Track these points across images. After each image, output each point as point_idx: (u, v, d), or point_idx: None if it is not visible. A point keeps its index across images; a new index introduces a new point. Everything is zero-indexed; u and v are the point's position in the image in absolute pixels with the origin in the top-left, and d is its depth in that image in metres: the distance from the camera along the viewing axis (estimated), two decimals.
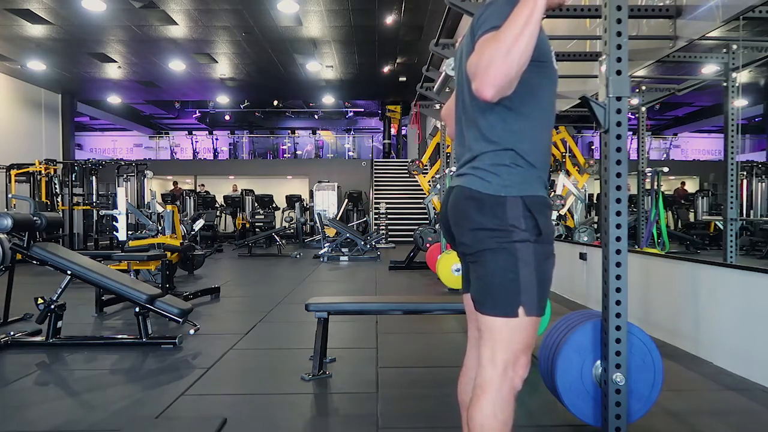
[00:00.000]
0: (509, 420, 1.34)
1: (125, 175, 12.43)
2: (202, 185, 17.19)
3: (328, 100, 18.46)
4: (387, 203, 14.46)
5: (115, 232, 6.21)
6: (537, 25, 1.14)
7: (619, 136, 2.07)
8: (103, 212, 10.05)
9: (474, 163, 1.36)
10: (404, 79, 15.01)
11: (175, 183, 16.59)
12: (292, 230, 14.69)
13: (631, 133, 3.69)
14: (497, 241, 1.31)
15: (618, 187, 2.09)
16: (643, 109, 5.96)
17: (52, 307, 3.67)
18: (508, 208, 1.31)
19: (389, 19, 10.55)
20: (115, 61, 13.05)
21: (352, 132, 22.93)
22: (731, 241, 4.00)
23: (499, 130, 1.33)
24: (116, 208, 6.14)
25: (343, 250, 10.23)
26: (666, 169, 5.48)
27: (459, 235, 1.40)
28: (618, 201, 2.09)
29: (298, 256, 10.38)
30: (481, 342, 1.37)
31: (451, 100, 1.61)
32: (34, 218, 3.91)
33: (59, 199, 11.58)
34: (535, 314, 1.33)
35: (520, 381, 1.37)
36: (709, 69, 4.88)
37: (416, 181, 12.06)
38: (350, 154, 21.25)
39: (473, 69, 1.17)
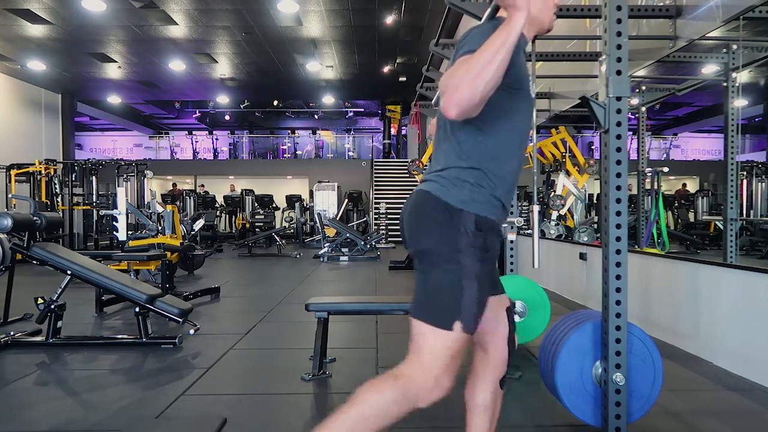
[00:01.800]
0: (385, 418, 1.29)
1: (125, 175, 12.43)
2: (202, 185, 17.20)
3: (328, 100, 18.46)
4: (387, 203, 14.46)
5: (115, 232, 6.21)
6: (508, 53, 1.17)
7: (619, 136, 2.07)
8: (103, 212, 10.05)
9: (441, 173, 1.39)
10: (404, 79, 15.02)
11: (174, 185, 16.59)
12: (292, 230, 14.69)
13: (631, 133, 3.70)
14: (447, 250, 1.32)
15: (618, 187, 2.09)
16: (643, 109, 5.96)
17: (52, 307, 3.67)
18: (463, 220, 1.33)
19: (389, 19, 10.55)
20: (115, 61, 13.05)
21: (352, 132, 22.93)
22: (731, 241, 4.00)
23: (470, 148, 1.37)
24: (116, 208, 6.14)
25: (343, 250, 10.23)
26: (666, 169, 5.49)
27: (410, 235, 1.41)
28: (618, 201, 2.09)
29: (298, 256, 10.38)
30: (411, 345, 1.35)
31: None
32: (34, 218, 3.91)
33: (59, 199, 11.58)
34: (470, 331, 1.32)
35: (433, 400, 1.33)
36: (709, 69, 4.88)
37: (416, 181, 12.05)
38: (350, 154, 21.25)
39: (443, 87, 1.21)
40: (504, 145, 1.39)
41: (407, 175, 14.31)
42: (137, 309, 3.71)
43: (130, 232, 6.67)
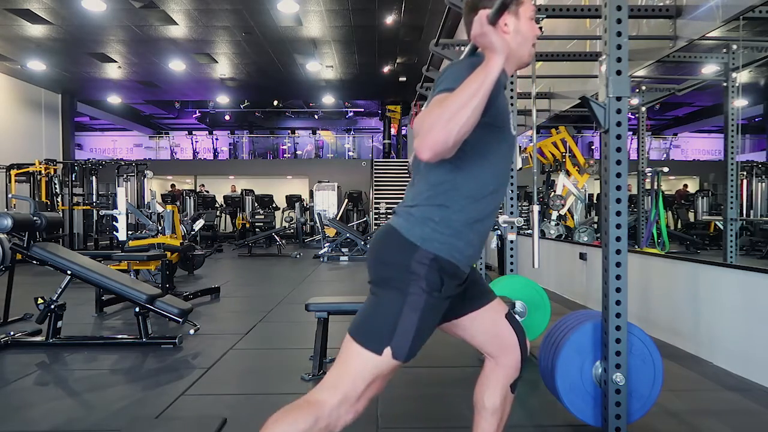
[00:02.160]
0: None
1: (125, 175, 12.43)
2: (202, 185, 17.19)
3: (328, 100, 18.47)
4: (387, 203, 14.46)
5: (115, 232, 6.21)
6: (483, 98, 1.14)
7: (619, 136, 2.07)
8: (103, 212, 10.05)
9: (411, 209, 1.37)
10: (404, 79, 15.02)
11: (173, 185, 16.59)
12: (292, 230, 14.69)
13: (631, 133, 3.70)
14: (395, 281, 1.32)
15: (618, 187, 2.09)
16: (643, 109, 5.97)
17: (52, 307, 3.67)
18: (416, 255, 1.31)
19: (389, 19, 10.55)
20: (115, 61, 13.06)
21: (352, 132, 22.92)
22: (731, 241, 4.00)
23: (446, 186, 1.34)
24: (116, 208, 6.14)
25: (343, 250, 10.23)
26: (666, 169, 5.49)
27: (369, 265, 1.41)
28: (618, 201, 2.09)
29: (298, 256, 10.38)
30: (336, 362, 1.35)
31: None
32: (34, 218, 3.91)
33: (59, 199, 11.58)
34: (401, 359, 1.31)
35: (343, 425, 1.31)
36: (709, 69, 4.89)
37: None
38: (350, 154, 21.25)
39: (417, 128, 1.18)
40: (478, 186, 1.35)
41: (407, 175, 14.31)
42: (137, 309, 3.71)
43: (130, 232, 6.67)
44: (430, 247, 1.32)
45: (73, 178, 11.74)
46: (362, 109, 21.57)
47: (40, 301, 3.68)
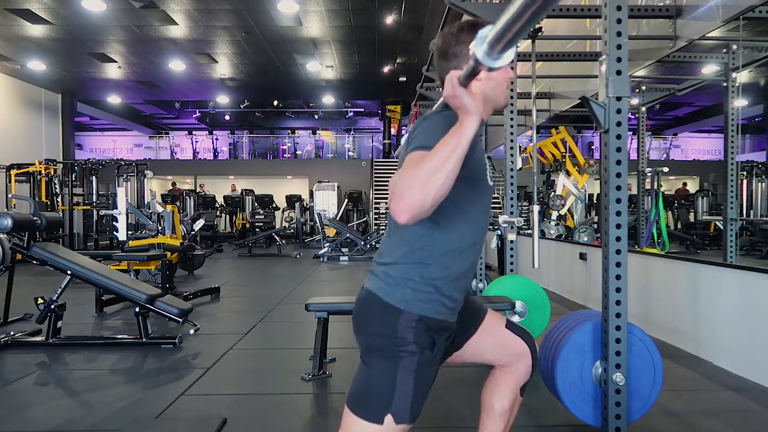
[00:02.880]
0: None
1: (125, 175, 12.43)
2: (202, 185, 17.18)
3: (328, 100, 18.46)
4: (387, 203, 14.45)
5: (115, 232, 6.21)
6: (459, 160, 1.10)
7: (619, 136, 2.07)
8: (103, 212, 10.04)
9: (387, 268, 1.35)
10: (404, 79, 15.02)
11: (173, 184, 16.59)
12: (292, 230, 14.69)
13: (631, 133, 3.70)
14: (384, 348, 1.30)
15: (618, 187, 2.09)
16: (643, 109, 5.97)
17: (52, 307, 3.67)
18: (401, 320, 1.29)
19: (389, 19, 10.55)
20: (115, 61, 13.05)
21: (352, 132, 22.92)
22: (731, 241, 4.00)
23: (420, 244, 1.32)
24: (116, 208, 6.14)
25: (343, 250, 10.23)
26: (666, 169, 5.49)
27: (356, 330, 1.39)
28: (618, 201, 2.09)
29: (298, 256, 10.38)
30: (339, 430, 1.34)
31: None
32: (34, 218, 3.91)
33: (59, 199, 11.58)
34: (405, 422, 1.30)
35: None
36: (709, 69, 4.89)
37: None
38: (350, 154, 21.24)
39: (392, 188, 1.14)
40: (456, 240, 1.33)
41: None
42: (137, 309, 3.71)
43: (130, 232, 6.67)
44: (414, 308, 1.29)
45: (73, 178, 11.73)
46: (362, 109, 21.56)
47: (40, 301, 3.68)
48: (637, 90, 5.83)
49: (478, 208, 1.37)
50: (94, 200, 12.24)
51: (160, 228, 6.99)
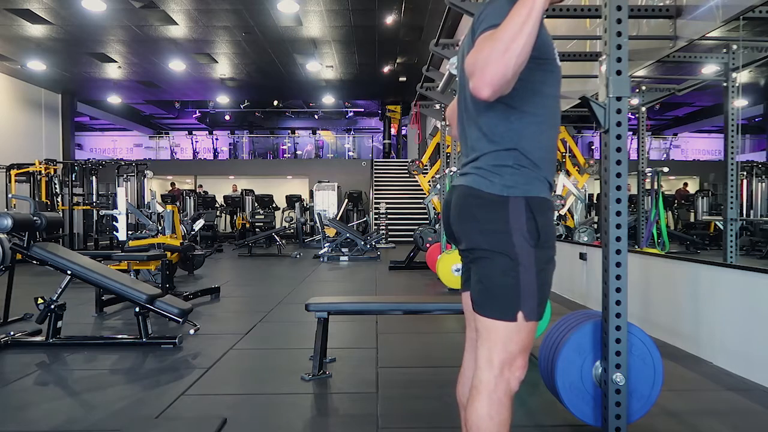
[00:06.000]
0: (506, 421, 1.32)
1: (125, 175, 12.43)
2: (200, 186, 17.18)
3: (328, 100, 18.46)
4: (387, 203, 14.45)
5: (115, 232, 6.21)
6: (536, 23, 1.10)
7: (619, 136, 2.06)
8: (103, 212, 10.05)
9: (476, 163, 1.35)
10: (404, 79, 15.02)
11: (172, 184, 16.59)
12: (292, 230, 14.68)
13: (631, 133, 3.69)
14: (499, 243, 1.29)
15: (618, 187, 2.08)
16: (643, 109, 5.96)
17: (52, 307, 3.67)
18: (511, 209, 1.29)
19: (389, 19, 10.55)
20: (115, 61, 13.05)
21: (352, 132, 22.93)
22: (731, 241, 4.00)
23: (502, 129, 1.31)
24: (116, 208, 6.14)
25: (343, 250, 10.23)
26: (666, 169, 5.48)
27: (460, 234, 1.39)
28: (618, 201, 2.09)
29: (298, 256, 10.38)
30: (479, 342, 1.36)
31: (455, 100, 1.59)
32: (34, 218, 3.91)
33: (59, 199, 11.58)
34: (534, 319, 1.32)
35: (517, 383, 1.35)
36: (709, 69, 4.88)
37: (416, 181, 12.06)
38: (350, 154, 21.25)
39: (471, 68, 1.14)
40: (539, 120, 1.32)
41: (407, 175, 14.31)
42: (137, 309, 3.71)
43: (130, 232, 6.67)
44: (518, 192, 1.29)
45: (73, 178, 11.73)
46: (362, 109, 21.56)
47: (40, 301, 3.68)
48: (637, 90, 5.82)
49: (552, 87, 1.35)
50: (94, 200, 12.24)
51: (160, 228, 6.99)
